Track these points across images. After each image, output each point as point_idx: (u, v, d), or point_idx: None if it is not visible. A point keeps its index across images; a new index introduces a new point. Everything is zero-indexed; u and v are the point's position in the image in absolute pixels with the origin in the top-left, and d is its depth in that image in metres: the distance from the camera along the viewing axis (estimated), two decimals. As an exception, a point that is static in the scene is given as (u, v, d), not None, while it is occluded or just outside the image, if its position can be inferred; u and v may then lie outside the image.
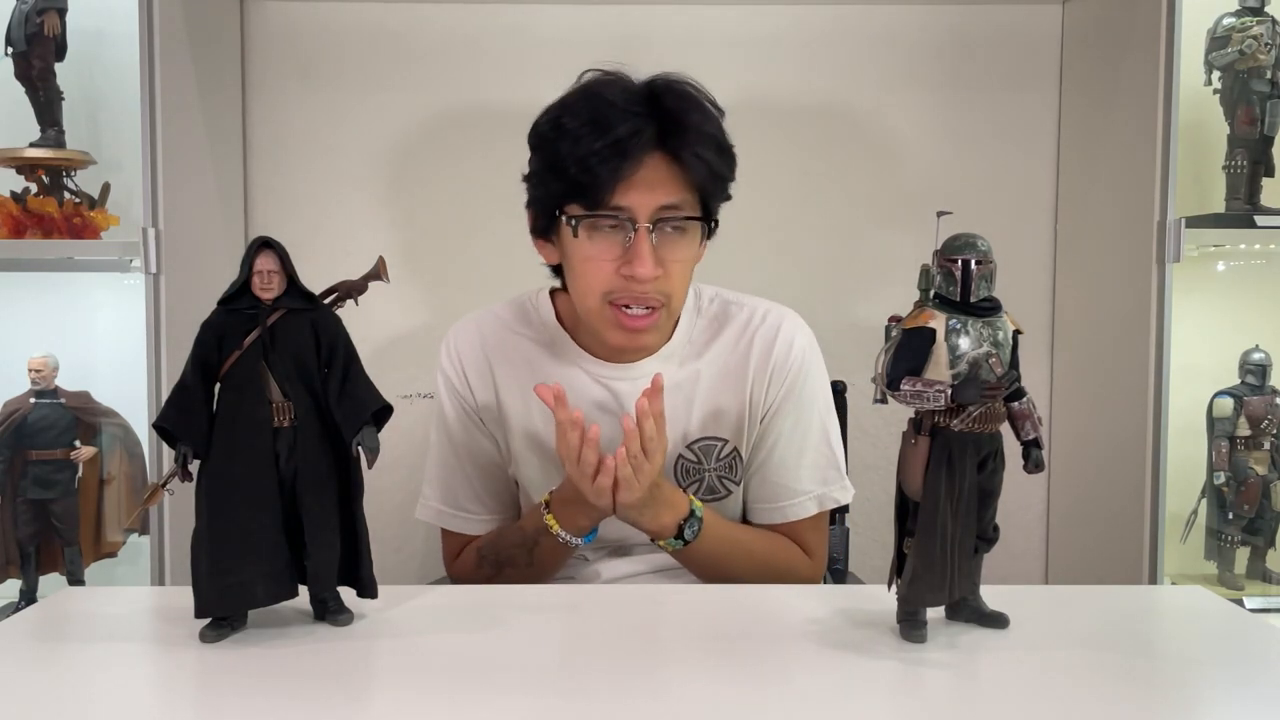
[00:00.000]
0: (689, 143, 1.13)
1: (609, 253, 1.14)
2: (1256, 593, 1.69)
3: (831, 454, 1.30)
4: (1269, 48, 1.64)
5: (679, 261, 1.17)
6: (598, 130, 1.10)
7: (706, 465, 1.26)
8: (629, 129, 1.10)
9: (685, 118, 1.13)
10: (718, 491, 1.28)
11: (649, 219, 1.13)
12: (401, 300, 1.85)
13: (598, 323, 1.19)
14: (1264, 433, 1.70)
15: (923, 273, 0.87)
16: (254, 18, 1.83)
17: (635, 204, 1.12)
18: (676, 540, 1.18)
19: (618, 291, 1.15)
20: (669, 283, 1.16)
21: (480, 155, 1.85)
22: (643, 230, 1.12)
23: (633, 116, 1.11)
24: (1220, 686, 0.82)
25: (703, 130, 1.14)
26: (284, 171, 1.85)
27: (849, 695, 0.78)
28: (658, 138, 1.12)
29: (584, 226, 1.14)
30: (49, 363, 1.62)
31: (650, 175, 1.12)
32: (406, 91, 1.85)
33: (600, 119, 1.11)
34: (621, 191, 1.12)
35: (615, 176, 1.10)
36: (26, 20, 1.62)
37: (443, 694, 0.77)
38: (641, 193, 1.12)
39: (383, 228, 1.85)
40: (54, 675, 0.82)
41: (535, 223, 1.24)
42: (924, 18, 1.85)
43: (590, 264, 1.16)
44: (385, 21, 1.84)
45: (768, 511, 1.30)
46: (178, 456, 0.88)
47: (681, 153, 1.12)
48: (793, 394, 1.26)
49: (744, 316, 1.29)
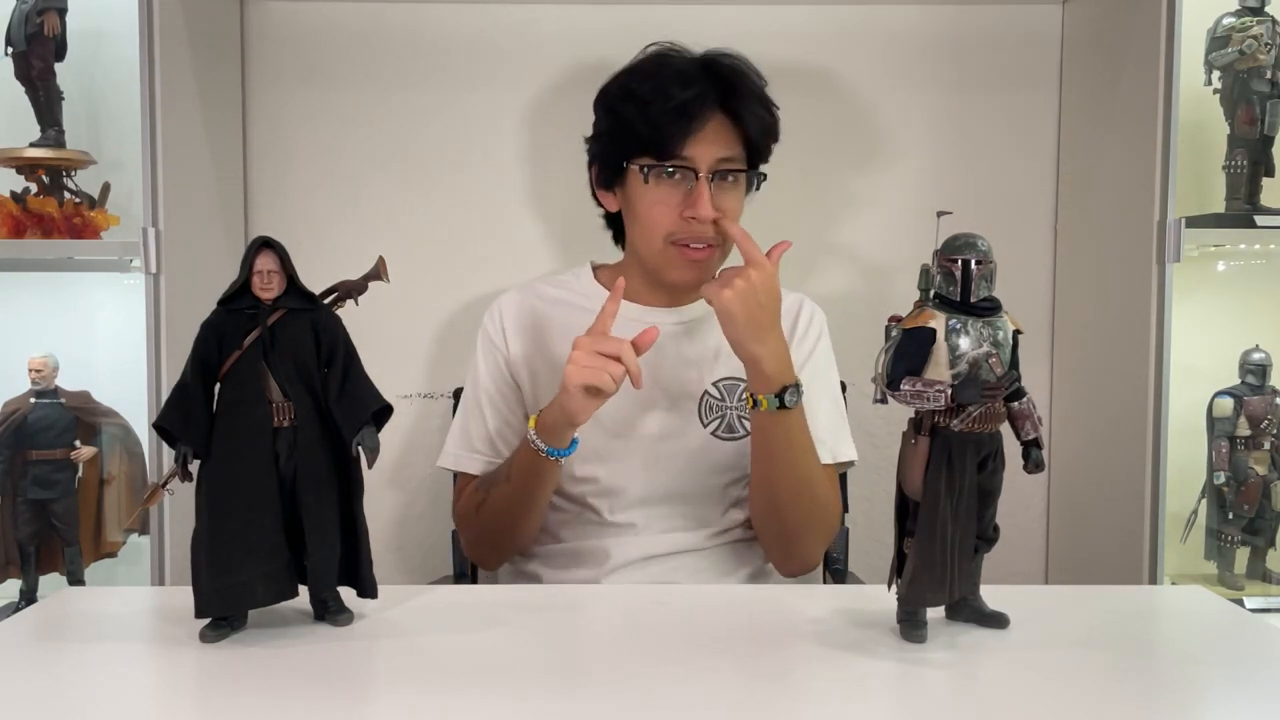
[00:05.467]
0: (744, 103, 1.32)
1: (672, 199, 1.31)
2: (1256, 593, 1.69)
3: (840, 418, 1.42)
4: (1269, 48, 1.64)
5: (730, 209, 1.32)
6: (665, 95, 1.29)
7: (729, 403, 1.37)
8: (693, 93, 1.28)
9: (739, 82, 1.32)
10: (736, 431, 1.36)
11: (708, 169, 1.30)
12: (401, 300, 1.85)
13: (660, 261, 1.35)
14: (1264, 433, 1.70)
15: (923, 273, 0.87)
16: (254, 18, 1.83)
17: (698, 155, 1.29)
18: (775, 399, 1.23)
19: (679, 232, 1.31)
20: (722, 227, 1.30)
21: (481, 155, 1.85)
22: (703, 179, 1.29)
23: (695, 82, 1.29)
24: (1220, 686, 0.82)
25: (754, 93, 1.34)
26: (284, 171, 1.85)
27: (849, 695, 0.78)
28: (718, 100, 1.30)
29: (653, 175, 1.31)
30: (49, 363, 1.62)
31: (710, 132, 1.30)
32: (406, 91, 1.85)
33: (666, 85, 1.29)
34: (687, 145, 1.29)
35: (684, 133, 1.28)
36: (26, 20, 1.62)
37: (443, 694, 0.77)
38: (704, 146, 1.30)
39: (383, 228, 1.85)
40: (54, 675, 0.82)
41: (600, 176, 1.40)
42: (924, 18, 1.85)
43: (657, 208, 1.32)
44: (385, 21, 1.84)
45: None
46: (178, 456, 0.88)
47: (740, 111, 1.31)
48: (814, 356, 1.40)
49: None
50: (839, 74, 1.86)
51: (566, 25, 1.83)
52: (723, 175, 1.31)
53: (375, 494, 0.96)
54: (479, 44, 1.84)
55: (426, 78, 1.85)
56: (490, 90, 1.84)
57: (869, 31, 1.85)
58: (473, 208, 1.86)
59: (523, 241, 1.86)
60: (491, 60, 1.84)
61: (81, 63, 1.71)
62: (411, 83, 1.85)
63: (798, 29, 1.85)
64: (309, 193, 1.85)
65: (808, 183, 1.87)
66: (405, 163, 1.86)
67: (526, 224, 1.86)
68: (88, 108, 1.75)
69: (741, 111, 1.32)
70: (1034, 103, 1.87)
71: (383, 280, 0.98)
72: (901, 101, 1.86)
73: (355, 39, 1.84)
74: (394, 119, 1.85)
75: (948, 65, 1.86)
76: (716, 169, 1.30)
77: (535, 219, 1.86)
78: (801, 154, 1.87)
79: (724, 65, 1.34)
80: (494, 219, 1.87)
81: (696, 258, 1.32)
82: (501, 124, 1.84)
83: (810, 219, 1.87)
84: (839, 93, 1.86)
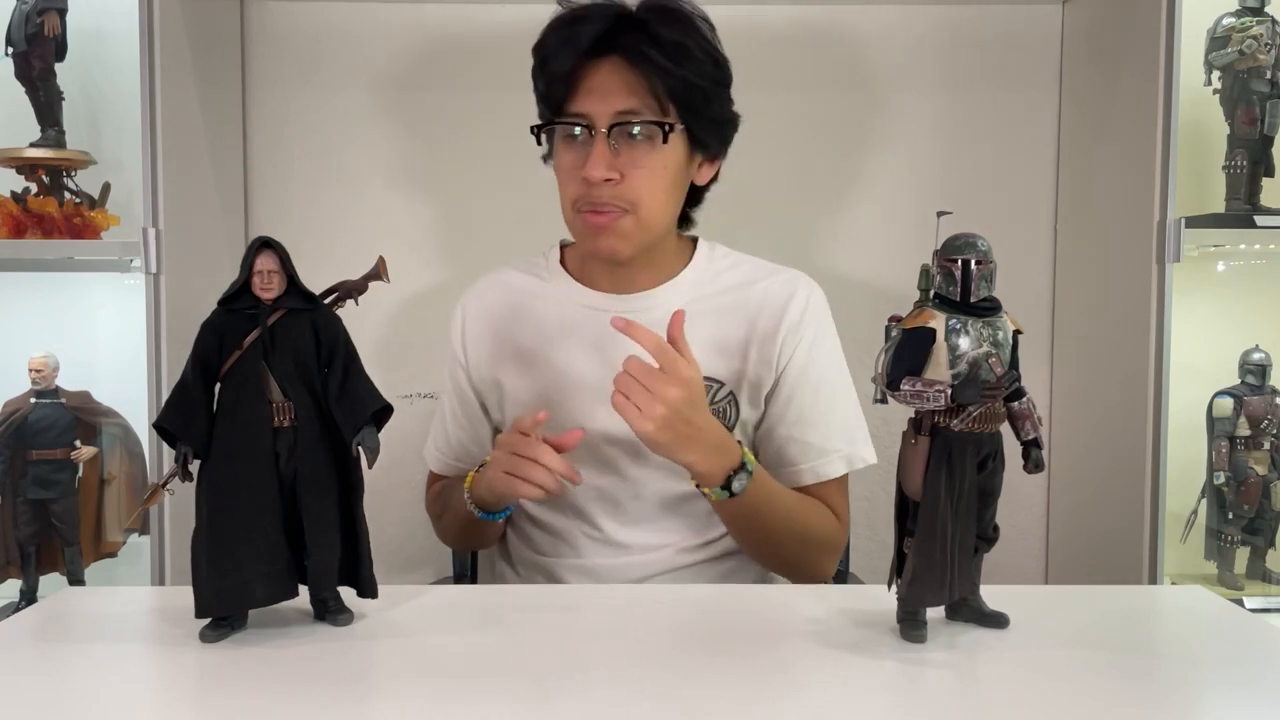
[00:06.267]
0: (645, 48, 1.13)
1: (575, 161, 1.17)
2: (1256, 593, 1.69)
3: (856, 413, 1.29)
4: (1269, 48, 1.64)
5: (642, 169, 1.16)
6: (566, 42, 1.14)
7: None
8: (589, 33, 1.13)
9: (649, 26, 1.14)
10: None
11: (606, 124, 1.14)
12: (402, 300, 1.85)
13: (576, 235, 1.23)
14: (1264, 433, 1.70)
15: (923, 273, 0.87)
16: (254, 18, 1.83)
17: (592, 110, 1.15)
18: (722, 490, 1.14)
19: (581, 199, 1.17)
20: (631, 189, 1.16)
21: (480, 156, 1.85)
22: (599, 135, 1.14)
23: (596, 23, 1.14)
24: (1220, 686, 0.82)
25: (664, 37, 1.14)
26: (284, 171, 1.85)
27: (849, 695, 0.78)
28: (618, 44, 1.14)
29: (558, 139, 1.18)
30: (49, 363, 1.62)
31: (607, 80, 1.14)
32: (406, 91, 1.85)
33: (571, 32, 1.15)
34: (580, 99, 1.15)
35: (570, 81, 1.14)
36: (26, 20, 1.62)
37: (443, 694, 0.77)
38: (597, 99, 1.14)
39: (383, 228, 1.85)
40: (54, 675, 0.82)
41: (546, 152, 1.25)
42: (924, 18, 1.85)
43: (562, 174, 1.19)
44: (385, 21, 1.84)
45: (798, 473, 1.27)
46: (178, 456, 0.88)
47: (635, 59, 1.14)
48: (815, 355, 1.27)
49: (758, 271, 1.30)
50: (839, 73, 1.86)
51: (566, 25, 1.83)
52: (628, 132, 1.15)
53: (375, 494, 0.95)
54: (479, 44, 1.84)
55: (427, 78, 1.85)
56: (490, 90, 1.84)
57: (869, 31, 1.85)
58: (473, 207, 1.87)
59: (523, 241, 1.85)
60: (492, 60, 1.84)
61: (81, 63, 1.71)
62: (411, 83, 1.85)
63: (797, 28, 1.85)
64: (309, 193, 1.85)
65: (807, 182, 1.87)
66: (405, 163, 1.86)
67: (527, 223, 1.85)
68: (88, 108, 1.76)
69: (636, 60, 1.13)
70: (1034, 103, 1.87)
71: (383, 280, 0.98)
72: (901, 101, 1.86)
73: (355, 39, 1.84)
74: (394, 119, 1.85)
75: (948, 65, 1.86)
76: (616, 122, 1.14)
77: (536, 218, 1.86)
78: (801, 153, 1.87)
79: (645, 7, 1.16)
80: (494, 218, 1.87)
81: (597, 223, 1.17)
82: (502, 123, 1.84)
83: (809, 218, 1.87)
84: (839, 92, 1.86)
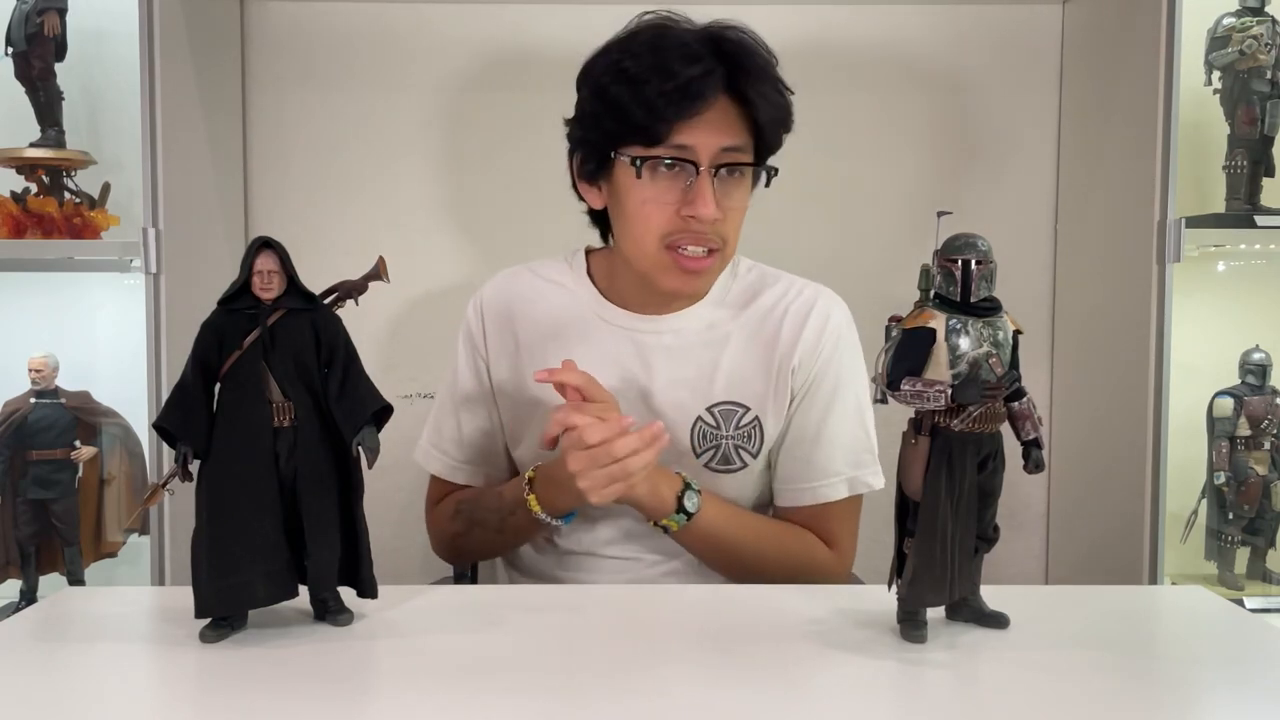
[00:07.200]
0: (754, 83, 1.15)
1: (669, 195, 1.16)
2: (1256, 593, 1.69)
3: (866, 436, 1.27)
4: (1269, 48, 1.64)
5: (735, 208, 1.18)
6: (664, 73, 1.12)
7: (725, 431, 1.24)
8: (699, 70, 1.11)
9: (749, 60, 1.15)
10: (732, 462, 1.24)
11: (711, 160, 1.14)
12: (402, 300, 1.85)
13: (653, 267, 1.19)
14: (1264, 433, 1.70)
15: (923, 273, 0.87)
16: (254, 18, 1.83)
17: (699, 143, 1.14)
18: (678, 514, 1.15)
19: (676, 234, 1.16)
20: (726, 226, 1.17)
21: (481, 156, 1.85)
22: (705, 171, 1.14)
23: (699, 59, 1.12)
24: (1220, 686, 0.82)
25: (766, 72, 1.16)
26: (284, 171, 1.85)
27: (849, 695, 0.78)
28: (724, 80, 1.14)
29: (646, 167, 1.15)
30: (49, 363, 1.62)
31: (715, 116, 1.14)
32: (407, 91, 1.85)
33: (666, 62, 1.12)
34: (686, 131, 1.13)
35: (680, 116, 1.12)
36: (26, 20, 1.62)
37: (443, 694, 0.77)
38: (706, 133, 1.14)
39: (383, 228, 1.85)
40: (54, 675, 0.82)
41: (583, 166, 1.24)
42: (924, 18, 1.85)
43: (649, 206, 1.16)
44: (385, 21, 1.84)
45: (797, 492, 1.26)
46: (178, 456, 0.88)
47: (749, 93, 1.14)
48: (828, 371, 1.25)
49: (780, 288, 1.29)
50: (839, 73, 1.85)
51: (567, 24, 1.83)
52: (728, 169, 1.16)
53: (375, 494, 0.95)
54: (479, 44, 1.84)
55: (427, 78, 1.85)
56: (491, 89, 1.84)
57: (869, 31, 1.85)
58: (473, 207, 1.86)
59: (524, 241, 1.86)
60: (492, 59, 1.84)
61: (81, 63, 1.71)
62: (412, 83, 1.85)
63: (796, 27, 1.84)
64: (309, 193, 1.85)
65: (806, 182, 1.87)
66: (405, 163, 1.85)
67: (527, 223, 1.86)
68: (88, 108, 1.76)
69: (751, 93, 1.14)
70: (1034, 103, 1.86)
71: (383, 280, 0.98)
72: (902, 101, 1.86)
73: (355, 39, 1.84)
74: (394, 119, 1.85)
75: (948, 65, 1.86)
76: (720, 161, 1.15)
77: (536, 218, 1.86)
78: (800, 153, 1.86)
79: (731, 39, 1.15)
80: (494, 218, 1.87)
81: (694, 268, 1.17)
82: (502, 123, 1.84)
83: (809, 219, 1.87)
84: (839, 92, 1.86)
